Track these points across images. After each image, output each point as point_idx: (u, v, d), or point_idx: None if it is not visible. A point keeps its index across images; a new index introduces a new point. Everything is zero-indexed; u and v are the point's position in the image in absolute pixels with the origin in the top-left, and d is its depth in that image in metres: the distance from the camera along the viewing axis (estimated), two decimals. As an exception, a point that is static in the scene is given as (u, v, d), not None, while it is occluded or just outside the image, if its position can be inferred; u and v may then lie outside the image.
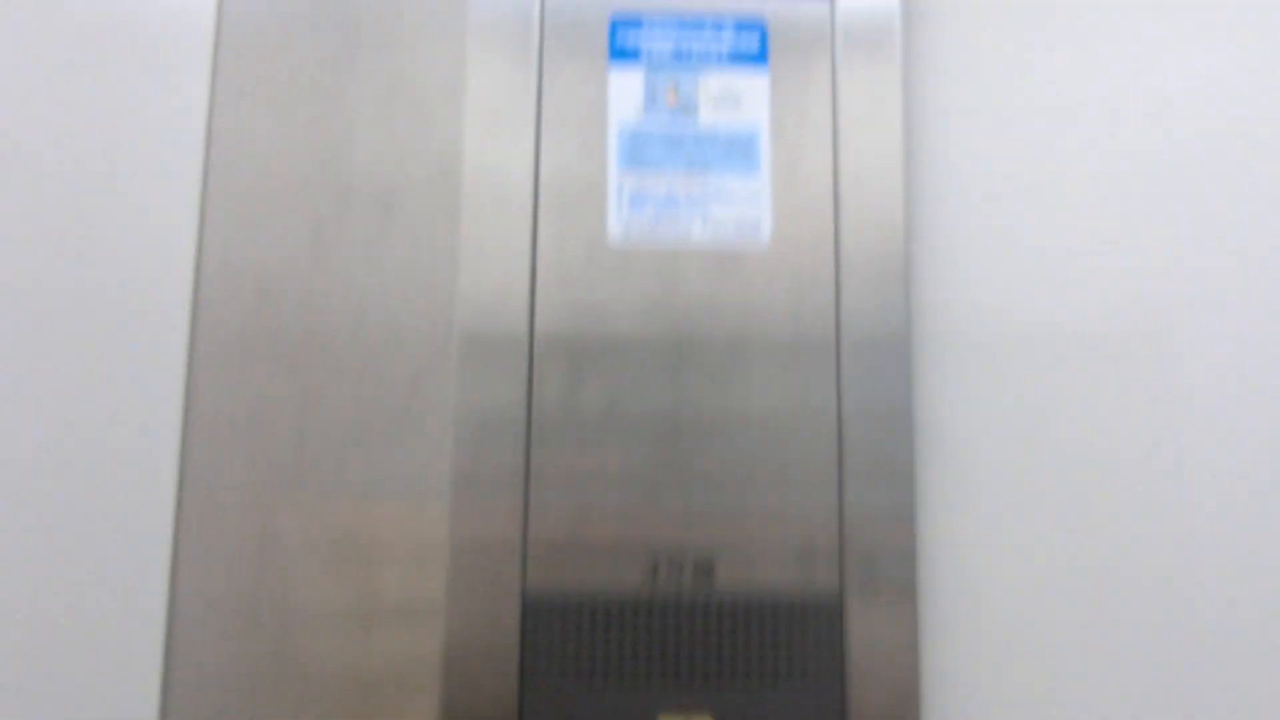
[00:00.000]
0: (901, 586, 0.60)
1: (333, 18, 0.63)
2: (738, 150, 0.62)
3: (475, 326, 0.60)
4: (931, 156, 0.68)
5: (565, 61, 0.62)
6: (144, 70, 0.64)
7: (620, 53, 0.62)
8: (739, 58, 0.62)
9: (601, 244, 0.61)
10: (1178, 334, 0.66)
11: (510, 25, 0.62)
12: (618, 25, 0.62)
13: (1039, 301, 0.66)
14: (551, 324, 0.60)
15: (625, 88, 0.62)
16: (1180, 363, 0.66)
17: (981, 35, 0.70)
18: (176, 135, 0.64)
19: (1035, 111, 0.69)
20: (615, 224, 0.61)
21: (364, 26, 0.63)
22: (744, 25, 0.63)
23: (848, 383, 0.61)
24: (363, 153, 0.63)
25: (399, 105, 0.62)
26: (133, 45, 0.64)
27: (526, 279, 0.61)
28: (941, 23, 0.70)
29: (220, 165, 0.63)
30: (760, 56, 0.62)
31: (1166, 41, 0.70)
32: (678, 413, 0.60)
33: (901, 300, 0.62)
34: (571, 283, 0.61)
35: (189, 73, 0.63)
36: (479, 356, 0.60)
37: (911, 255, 0.66)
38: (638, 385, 0.60)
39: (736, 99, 0.62)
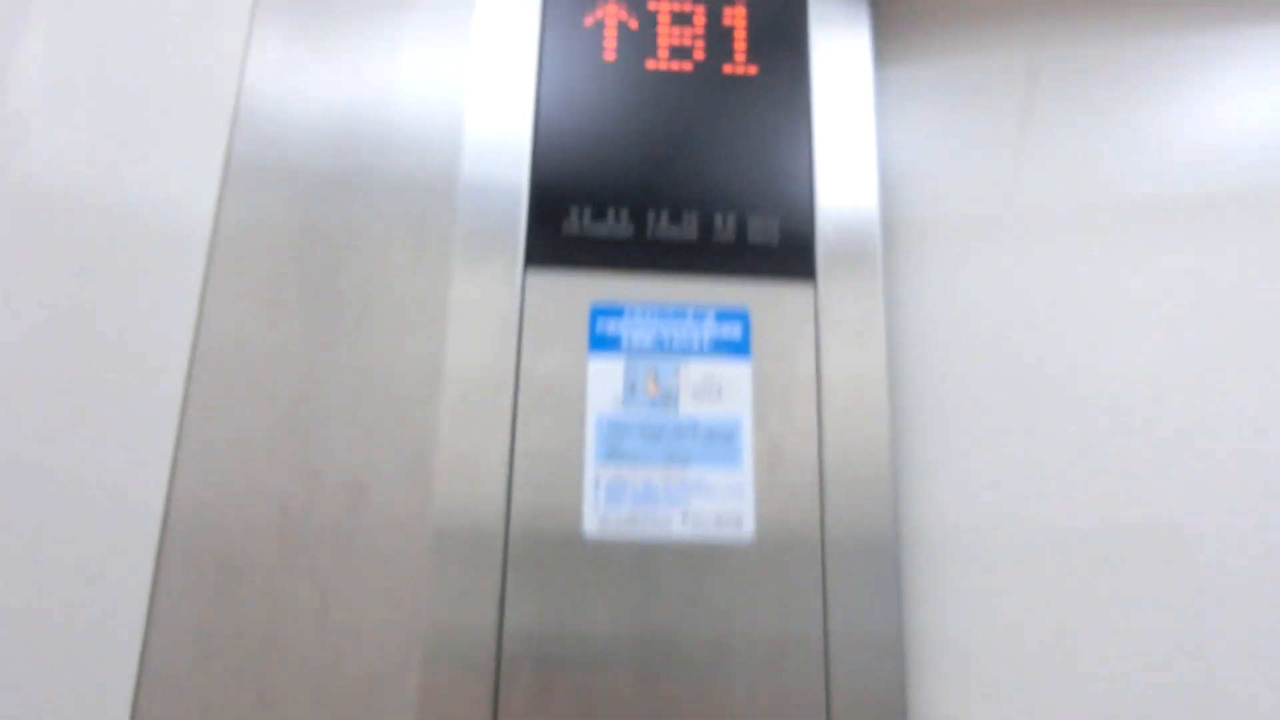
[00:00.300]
0: None
1: (315, 297, 0.63)
2: (719, 442, 0.60)
3: (444, 621, 0.57)
4: (918, 407, 0.67)
5: (544, 348, 0.61)
6: (118, 353, 0.63)
7: (600, 341, 0.61)
8: (721, 347, 0.61)
9: (577, 537, 0.58)
10: (1180, 538, 0.64)
11: (490, 314, 0.61)
12: (598, 313, 0.61)
13: (1035, 515, 0.65)
14: (523, 621, 0.57)
15: (605, 377, 0.60)
16: (1189, 567, 0.64)
17: (960, 279, 0.69)
18: (149, 406, 0.62)
19: (1019, 332, 0.69)
20: (591, 517, 0.58)
21: (345, 309, 0.62)
22: (727, 315, 0.62)
23: (837, 680, 0.57)
24: (336, 436, 0.61)
25: (375, 390, 0.61)
26: (109, 328, 0.64)
27: (498, 574, 0.58)
28: (923, 263, 0.70)
29: (192, 439, 0.61)
30: (743, 345, 0.61)
31: (1143, 249, 0.70)
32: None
33: (894, 590, 0.58)
34: (545, 577, 0.58)
35: (167, 348, 0.63)
36: (446, 655, 0.56)
37: (901, 523, 0.65)
38: (612, 690, 0.56)
39: (718, 389, 0.60)
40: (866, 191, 0.65)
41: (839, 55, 0.68)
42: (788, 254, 0.63)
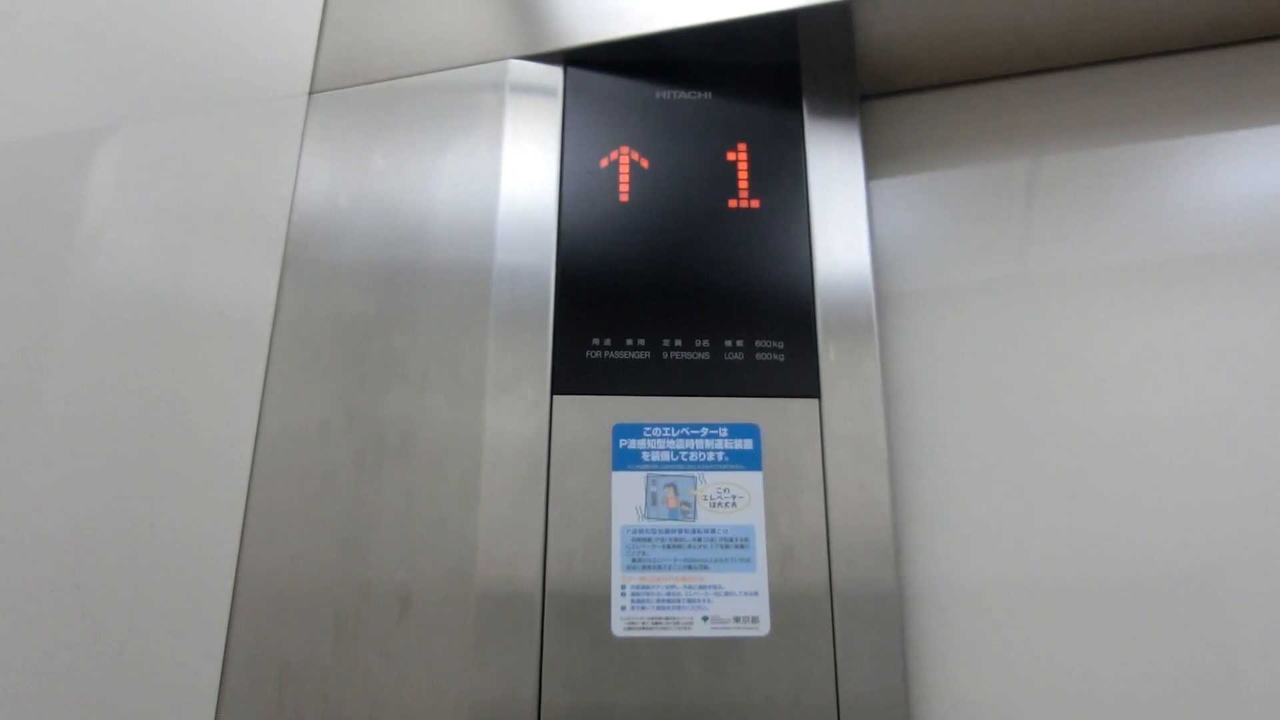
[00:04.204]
0: None
1: (360, 426, 0.69)
2: (734, 547, 0.65)
3: (487, 713, 0.62)
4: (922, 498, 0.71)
5: (571, 468, 0.67)
6: (181, 485, 0.69)
7: (622, 458, 0.67)
8: (735, 460, 0.66)
9: (606, 638, 0.63)
10: (1197, 582, 0.68)
11: (522, 437, 0.67)
12: (620, 432, 0.67)
13: (1042, 567, 0.70)
14: (558, 717, 0.62)
15: (627, 491, 0.66)
16: (1208, 611, 0.67)
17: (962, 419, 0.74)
18: (211, 537, 0.68)
19: (1016, 387, 0.75)
20: (619, 621, 0.64)
21: (387, 438, 0.68)
22: (739, 431, 0.67)
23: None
24: (383, 551, 0.67)
25: (418, 510, 0.67)
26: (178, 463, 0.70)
27: (534, 673, 0.63)
28: (921, 327, 0.75)
29: (252, 558, 0.67)
30: (754, 458, 0.66)
31: (1137, 307, 0.75)
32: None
33: (898, 654, 0.63)
34: (577, 676, 0.63)
35: (224, 486, 0.69)
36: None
37: (905, 588, 0.69)
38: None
39: (733, 500, 0.66)
40: (864, 308, 0.70)
41: (834, 181, 0.74)
42: (794, 372, 0.68)
